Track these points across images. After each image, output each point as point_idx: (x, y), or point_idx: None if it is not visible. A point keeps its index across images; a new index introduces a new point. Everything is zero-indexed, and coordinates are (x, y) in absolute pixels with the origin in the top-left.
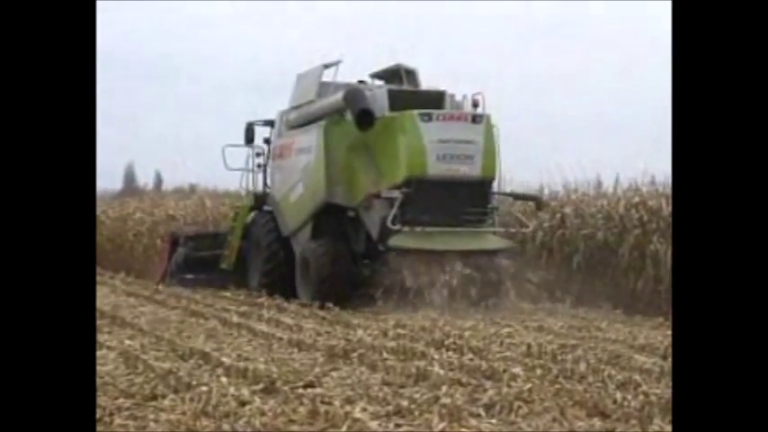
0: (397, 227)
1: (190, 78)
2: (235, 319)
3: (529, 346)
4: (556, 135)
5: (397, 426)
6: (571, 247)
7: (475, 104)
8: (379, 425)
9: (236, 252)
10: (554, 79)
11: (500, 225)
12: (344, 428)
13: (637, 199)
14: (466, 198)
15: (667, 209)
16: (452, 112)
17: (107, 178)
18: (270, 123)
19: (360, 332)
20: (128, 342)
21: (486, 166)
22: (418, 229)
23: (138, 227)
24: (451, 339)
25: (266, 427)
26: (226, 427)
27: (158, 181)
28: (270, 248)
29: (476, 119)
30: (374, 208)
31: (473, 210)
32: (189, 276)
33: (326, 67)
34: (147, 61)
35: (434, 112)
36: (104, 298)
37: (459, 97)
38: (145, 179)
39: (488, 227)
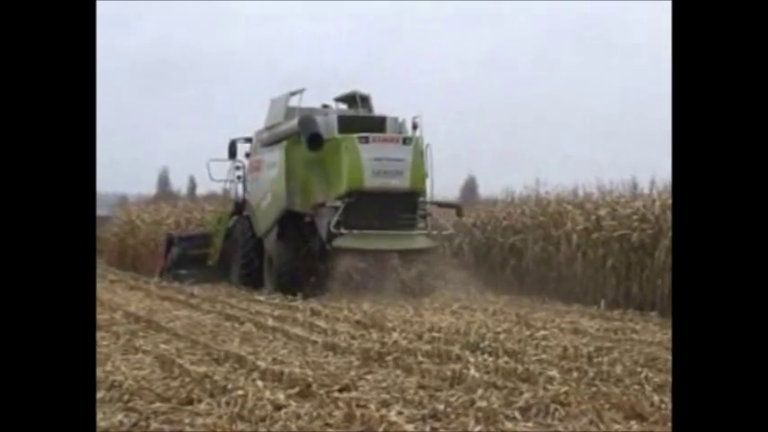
0: (341, 231)
1: (225, 82)
2: (270, 322)
3: (564, 349)
4: (592, 136)
5: (433, 429)
6: (606, 249)
7: (414, 126)
8: (415, 428)
9: (219, 251)
10: (591, 80)
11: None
12: None
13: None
14: (397, 206)
15: None
16: (386, 135)
17: (141, 183)
18: (249, 140)
19: (395, 335)
20: (163, 346)
21: (415, 180)
22: (356, 231)
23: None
24: (487, 342)
25: (302, 430)
26: (262, 430)
27: (192, 186)
28: (246, 248)
29: (406, 140)
30: (323, 215)
31: (404, 216)
32: (182, 272)
33: (293, 94)
34: (181, 66)
35: (371, 135)
36: (139, 302)
37: (409, 121)
38: (179, 184)
39: (419, 230)
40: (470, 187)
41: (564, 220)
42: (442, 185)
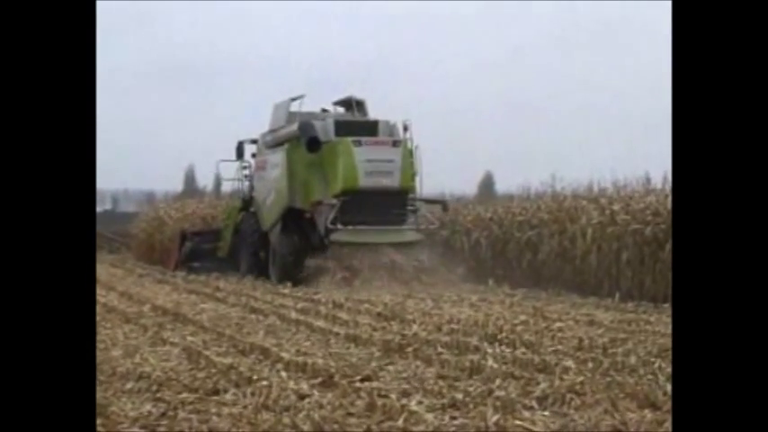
0: (337, 226)
1: (251, 83)
2: (293, 315)
3: (580, 340)
4: (605, 131)
5: (452, 418)
6: (620, 243)
7: (405, 129)
8: (435, 417)
9: (228, 244)
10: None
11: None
12: (401, 421)
13: None
14: (389, 203)
15: None
16: (378, 139)
17: (168, 181)
18: (255, 142)
19: (415, 327)
20: (190, 338)
21: (404, 179)
22: (351, 227)
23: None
24: (504, 334)
25: (325, 419)
26: (286, 420)
27: (218, 183)
28: (253, 242)
29: (395, 143)
30: (321, 212)
31: (394, 212)
32: (195, 264)
33: (293, 99)
34: (207, 64)
35: (364, 138)
36: (167, 296)
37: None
38: (204, 181)
39: (408, 225)
40: (488, 183)
41: (579, 214)
42: (460, 181)
